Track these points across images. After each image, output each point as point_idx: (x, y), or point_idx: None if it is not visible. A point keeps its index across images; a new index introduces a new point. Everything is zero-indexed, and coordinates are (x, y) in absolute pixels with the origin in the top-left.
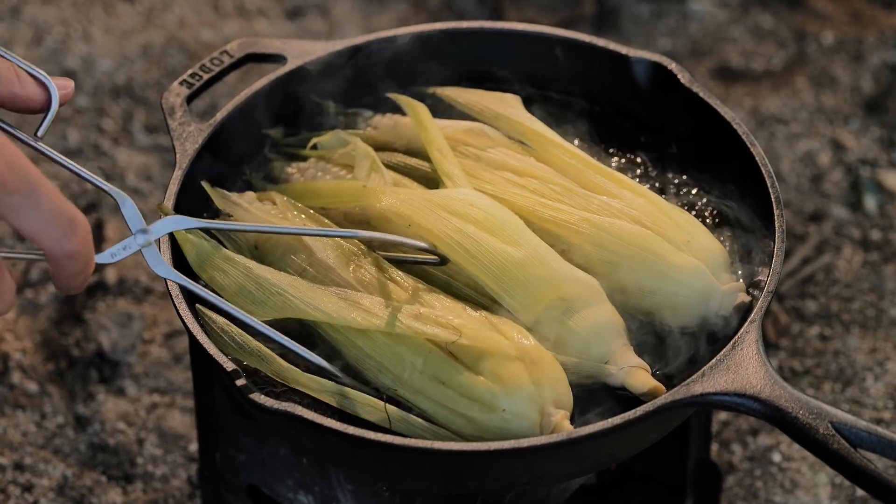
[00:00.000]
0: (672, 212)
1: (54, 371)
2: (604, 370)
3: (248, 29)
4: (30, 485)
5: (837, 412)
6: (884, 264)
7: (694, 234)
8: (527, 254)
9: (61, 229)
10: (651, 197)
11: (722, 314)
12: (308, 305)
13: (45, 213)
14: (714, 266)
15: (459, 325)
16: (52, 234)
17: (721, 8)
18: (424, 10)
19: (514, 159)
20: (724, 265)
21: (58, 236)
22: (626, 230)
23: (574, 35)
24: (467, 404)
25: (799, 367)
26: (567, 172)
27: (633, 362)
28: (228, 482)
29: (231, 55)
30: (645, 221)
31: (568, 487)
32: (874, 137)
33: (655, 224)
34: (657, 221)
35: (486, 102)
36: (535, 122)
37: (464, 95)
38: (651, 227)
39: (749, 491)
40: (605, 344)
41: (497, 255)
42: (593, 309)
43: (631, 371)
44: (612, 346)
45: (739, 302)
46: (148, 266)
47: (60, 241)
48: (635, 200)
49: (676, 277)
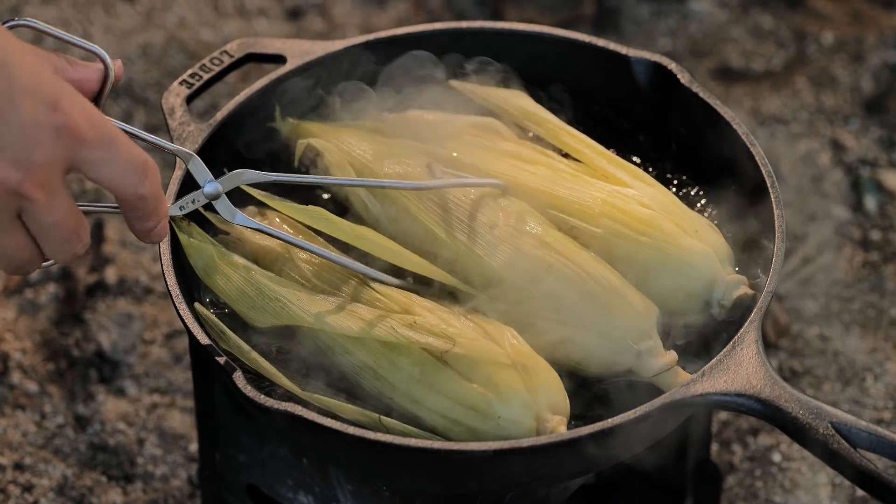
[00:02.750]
0: (681, 204)
1: (54, 371)
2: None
3: (248, 29)
4: (30, 485)
5: (837, 412)
6: (884, 264)
7: (702, 226)
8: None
9: (136, 176)
10: (662, 189)
11: (724, 304)
12: (305, 313)
13: (122, 164)
14: (720, 258)
15: (453, 333)
16: (129, 181)
17: (721, 8)
18: (424, 10)
19: (526, 150)
20: (728, 259)
21: (133, 183)
22: (637, 211)
23: (574, 35)
24: (463, 412)
25: (799, 367)
26: (580, 161)
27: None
28: (228, 482)
29: (231, 55)
30: (656, 208)
31: (568, 487)
32: (874, 137)
33: (666, 211)
34: (668, 209)
35: (501, 95)
36: (548, 113)
37: (480, 90)
38: (662, 213)
39: (749, 491)
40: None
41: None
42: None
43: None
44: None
45: (742, 293)
46: (221, 216)
47: (136, 186)
48: (647, 190)
49: (684, 258)
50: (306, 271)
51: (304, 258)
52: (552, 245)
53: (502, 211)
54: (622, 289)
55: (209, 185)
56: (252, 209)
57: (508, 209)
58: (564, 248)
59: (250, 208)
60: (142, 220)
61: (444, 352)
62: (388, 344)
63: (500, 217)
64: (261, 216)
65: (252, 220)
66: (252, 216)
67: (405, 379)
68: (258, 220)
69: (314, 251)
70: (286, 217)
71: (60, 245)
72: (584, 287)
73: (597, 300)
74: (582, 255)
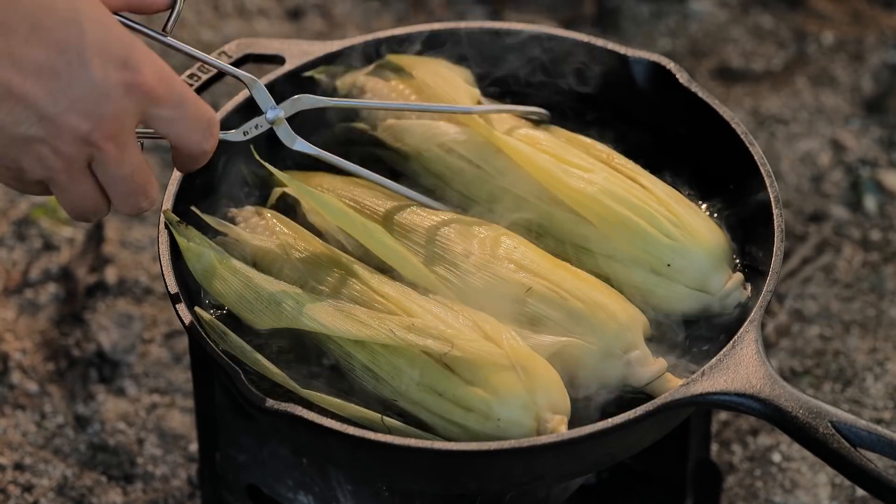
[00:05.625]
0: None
1: (54, 371)
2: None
3: (248, 29)
4: (30, 485)
5: (837, 411)
6: (884, 264)
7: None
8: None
9: (202, 133)
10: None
11: (724, 302)
12: (304, 316)
13: (190, 121)
14: (721, 254)
15: (451, 335)
16: (195, 138)
17: (721, 8)
18: (424, 10)
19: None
20: (728, 258)
21: (199, 140)
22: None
23: (574, 35)
24: (463, 414)
25: (799, 367)
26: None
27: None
28: (228, 482)
29: (229, 55)
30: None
31: (568, 487)
32: (874, 137)
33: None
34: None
35: (437, 79)
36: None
37: (419, 66)
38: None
39: (749, 491)
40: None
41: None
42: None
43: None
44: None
45: (737, 285)
46: (282, 140)
47: (201, 144)
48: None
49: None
50: (305, 273)
51: (303, 259)
52: (529, 267)
53: (476, 239)
54: (605, 302)
55: (271, 111)
56: (250, 209)
57: (483, 236)
58: (542, 268)
59: (248, 208)
60: (192, 165)
61: (443, 354)
62: (387, 346)
63: (475, 245)
64: (258, 216)
65: (310, 146)
66: (250, 216)
67: (405, 381)
68: (256, 219)
69: (366, 176)
70: (284, 217)
71: (127, 198)
72: (565, 305)
73: (580, 318)
74: (560, 273)
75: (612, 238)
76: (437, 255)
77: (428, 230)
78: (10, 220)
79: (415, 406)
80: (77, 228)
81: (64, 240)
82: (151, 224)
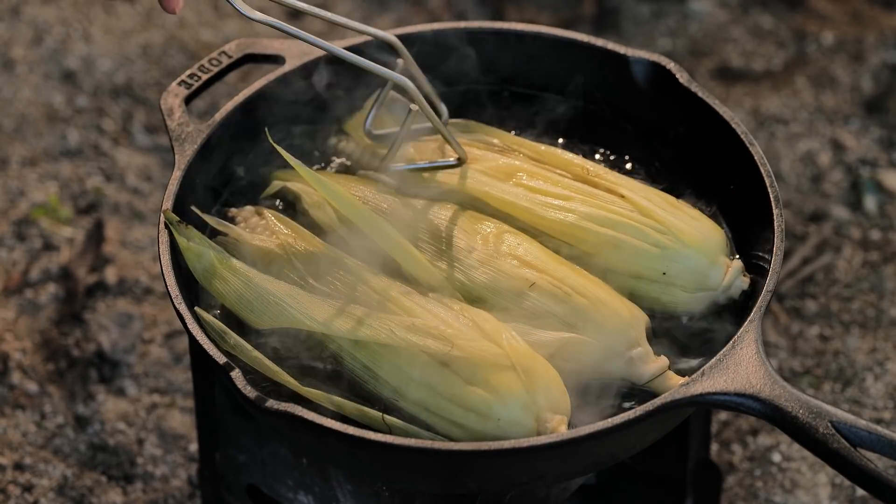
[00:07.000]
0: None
1: (54, 371)
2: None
3: (248, 29)
4: (30, 485)
5: (837, 411)
6: (884, 264)
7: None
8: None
9: None
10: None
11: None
12: (304, 316)
13: None
14: (714, 248)
15: (451, 335)
16: None
17: (721, 8)
18: (424, 10)
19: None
20: (722, 248)
21: None
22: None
23: (574, 35)
24: (463, 414)
25: (799, 367)
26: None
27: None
28: (228, 482)
29: (229, 56)
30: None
31: (568, 487)
32: (874, 137)
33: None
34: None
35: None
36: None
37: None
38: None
39: (749, 491)
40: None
41: None
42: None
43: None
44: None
45: (737, 273)
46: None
47: None
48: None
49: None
50: (305, 273)
51: (303, 259)
52: (533, 263)
53: (480, 235)
54: (607, 299)
55: None
56: (250, 209)
57: (487, 232)
58: (546, 265)
59: (248, 208)
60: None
61: (443, 354)
62: (387, 346)
63: (479, 240)
64: (258, 216)
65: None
66: (250, 216)
67: (405, 381)
68: (256, 219)
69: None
70: (284, 217)
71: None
72: (568, 301)
73: (583, 313)
74: (563, 270)
75: (604, 258)
76: (441, 250)
77: (432, 226)
78: (10, 220)
79: (415, 406)
80: (77, 228)
81: (64, 240)
82: (151, 224)
